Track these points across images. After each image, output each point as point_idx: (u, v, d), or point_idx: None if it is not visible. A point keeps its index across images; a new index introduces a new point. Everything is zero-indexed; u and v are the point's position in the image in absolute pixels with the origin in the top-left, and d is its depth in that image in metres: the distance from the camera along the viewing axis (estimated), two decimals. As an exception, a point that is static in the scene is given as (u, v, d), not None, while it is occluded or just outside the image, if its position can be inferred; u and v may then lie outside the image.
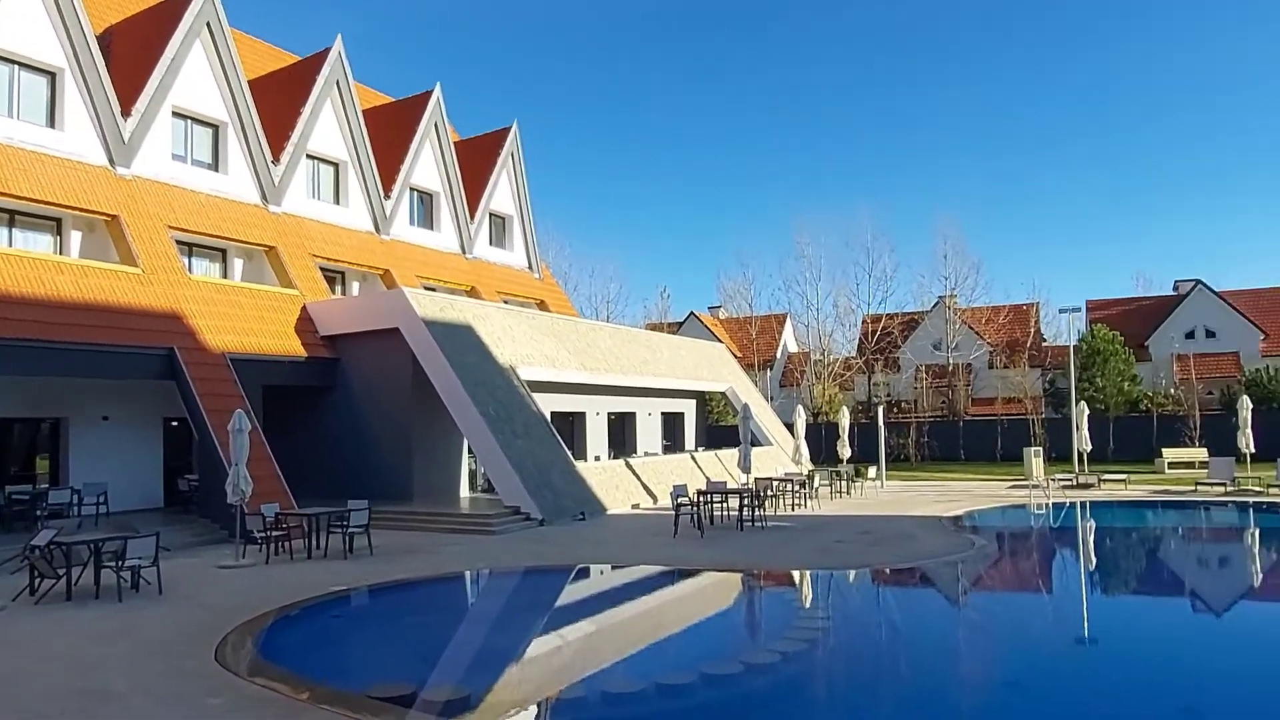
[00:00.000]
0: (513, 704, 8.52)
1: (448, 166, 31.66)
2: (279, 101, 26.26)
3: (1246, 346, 50.98)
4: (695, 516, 19.16)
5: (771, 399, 49.76)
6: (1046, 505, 24.46)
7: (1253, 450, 26.18)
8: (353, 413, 22.96)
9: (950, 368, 50.69)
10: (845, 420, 30.49)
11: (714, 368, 36.08)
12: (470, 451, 23.79)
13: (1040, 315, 55.21)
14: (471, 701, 8.29)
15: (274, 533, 15.90)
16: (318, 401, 23.32)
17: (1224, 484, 25.31)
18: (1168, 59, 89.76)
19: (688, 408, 35.08)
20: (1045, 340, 54.68)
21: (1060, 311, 33.71)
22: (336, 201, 27.60)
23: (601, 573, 15.93)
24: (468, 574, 15.41)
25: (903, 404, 51.28)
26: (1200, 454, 32.73)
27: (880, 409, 32.52)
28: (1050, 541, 20.42)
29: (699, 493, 20.18)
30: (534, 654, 10.79)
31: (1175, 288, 58.01)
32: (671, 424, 34.30)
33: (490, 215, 34.43)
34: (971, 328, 52.24)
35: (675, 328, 58.75)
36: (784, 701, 8.61)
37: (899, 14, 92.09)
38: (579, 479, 22.75)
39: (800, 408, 28.41)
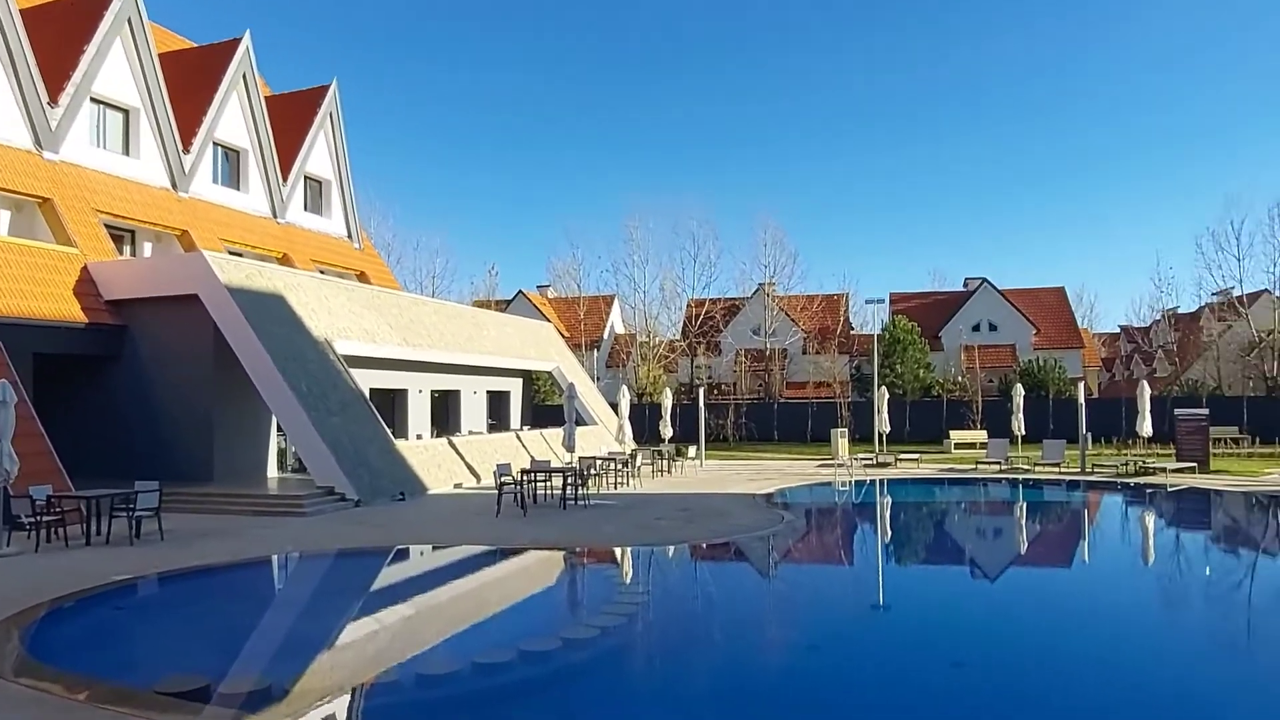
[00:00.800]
0: (323, 692, 8.10)
1: (258, 122, 29.40)
2: (58, 36, 23.33)
3: (1022, 340, 56.95)
4: (518, 495, 19.03)
5: (598, 379, 50.28)
6: (850, 483, 26.25)
7: (1023, 432, 29.35)
8: (143, 386, 20.94)
9: (768, 352, 53.24)
10: (668, 401, 31.28)
11: (541, 347, 35.93)
12: (280, 430, 22.38)
13: (849, 305, 59.06)
14: (276, 693, 7.79)
15: (45, 517, 14.25)
16: (102, 373, 21.10)
17: (999, 462, 28.19)
18: (969, 75, 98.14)
19: (514, 386, 34.75)
20: (853, 329, 58.54)
21: (867, 302, 36.30)
22: (126, 152, 24.95)
23: (421, 554, 15.48)
24: (274, 559, 14.50)
25: (723, 386, 53.34)
26: (981, 436, 36.25)
27: (701, 391, 33.62)
28: (852, 516, 21.93)
29: (522, 471, 20.04)
30: (347, 640, 10.32)
31: (965, 284, 63.80)
32: (497, 402, 33.87)
33: (306, 178, 32.38)
34: (788, 315, 55.07)
35: (503, 306, 58.01)
36: (603, 674, 8.73)
37: (742, 11, 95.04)
38: (399, 458, 21.98)
39: (625, 388, 28.86)
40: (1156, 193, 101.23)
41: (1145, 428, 27.05)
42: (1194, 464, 26.40)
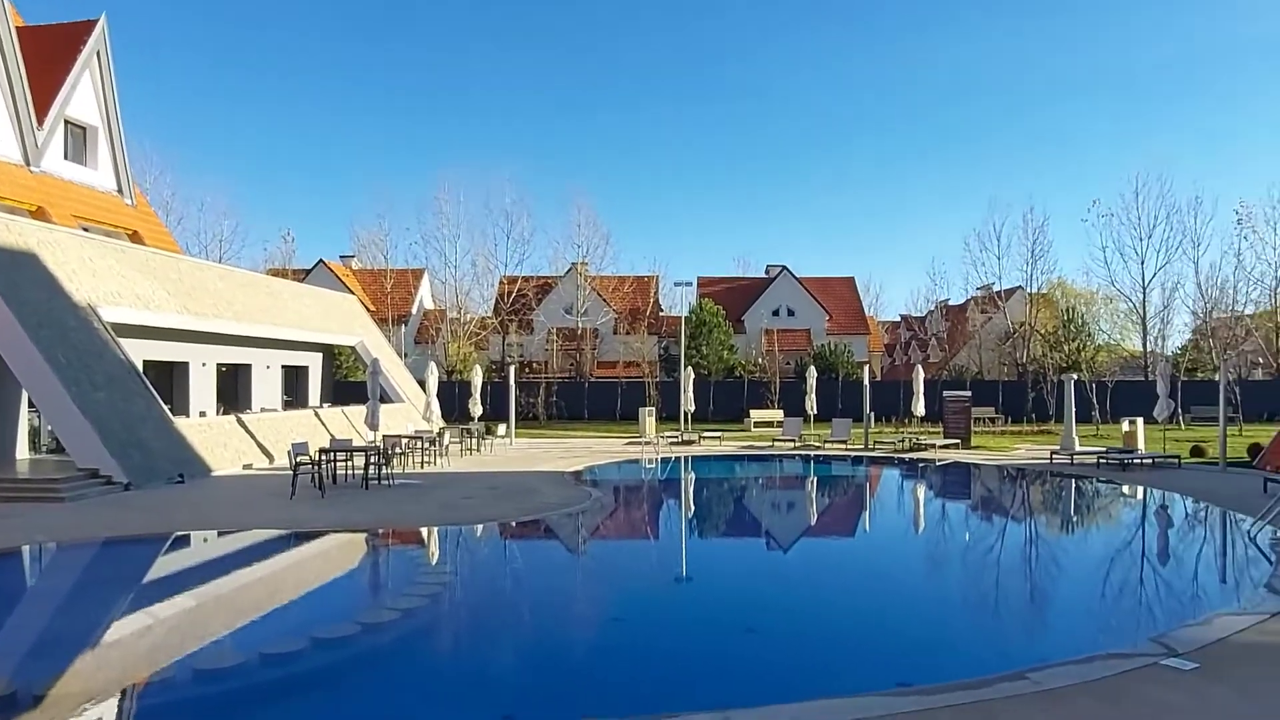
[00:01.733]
0: (86, 695, 7.26)
1: (4, 54, 25.66)
2: None
3: (816, 325, 60.81)
4: (316, 476, 17.98)
5: (405, 355, 48.50)
6: (656, 460, 26.98)
7: (815, 412, 31.43)
8: None
9: (580, 331, 53.56)
10: (478, 379, 30.73)
11: (344, 320, 34.11)
12: (32, 405, 19.82)
13: (659, 287, 60.54)
14: (24, 699, 6.90)
15: None
16: None
17: (794, 440, 30.03)
18: (774, 75, 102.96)
19: (313, 361, 32.78)
20: (662, 310, 60.10)
21: (675, 285, 37.24)
22: None
23: (205, 540, 14.27)
24: (25, 550, 12.85)
25: (535, 364, 53.15)
26: (778, 415, 38.45)
27: (513, 369, 33.25)
28: (658, 492, 22.55)
29: (321, 451, 18.97)
30: (115, 637, 9.32)
31: (767, 271, 67.20)
32: (294, 378, 31.82)
33: (67, 123, 28.69)
34: (600, 295, 55.62)
35: (302, 275, 54.52)
36: (403, 658, 8.43)
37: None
38: (178, 437, 20.14)
39: (433, 365, 28.00)
40: (934, 194, 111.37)
41: (919, 408, 29.75)
42: (958, 440, 29.39)
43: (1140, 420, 26.64)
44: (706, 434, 32.26)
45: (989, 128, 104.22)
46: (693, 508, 20.11)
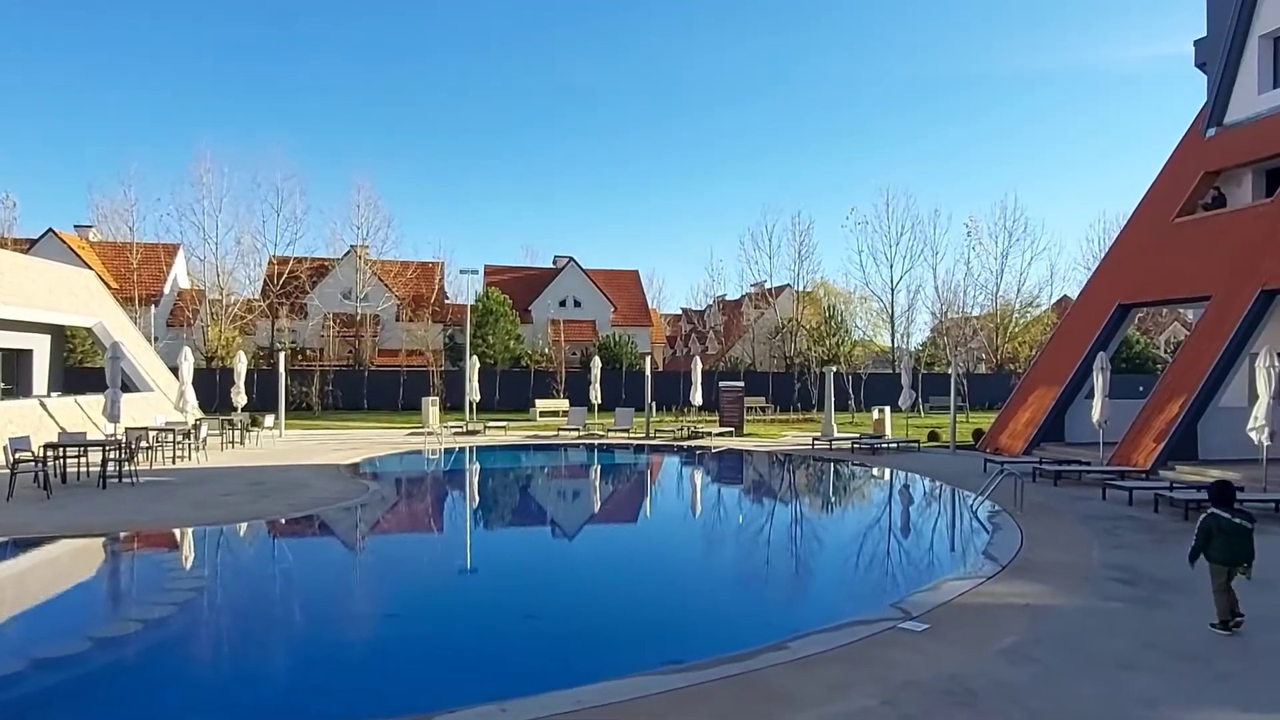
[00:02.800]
0: None
1: None
2: None
3: (602, 316, 61.92)
4: (40, 474, 15.83)
5: (156, 339, 43.78)
6: (439, 450, 26.28)
7: (600, 401, 32.00)
8: None
9: (359, 318, 50.97)
10: (242, 365, 28.44)
11: (78, 297, 30.19)
12: None
13: (444, 274, 58.97)
14: None
15: None
16: None
17: (578, 429, 30.39)
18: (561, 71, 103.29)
19: (39, 344, 28.77)
20: (448, 298, 58.59)
21: (461, 272, 36.51)
22: None
23: (-114, 553, 12.09)
24: None
25: (308, 351, 49.94)
26: (564, 404, 38.75)
27: (283, 355, 31.03)
28: (441, 483, 21.99)
29: (47, 446, 16.71)
30: None
31: (554, 262, 67.44)
32: (15, 363, 27.77)
33: None
34: (381, 280, 53.24)
35: (26, 245, 47.68)
36: (144, 673, 7.60)
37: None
38: None
39: (188, 350, 25.45)
40: (713, 194, 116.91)
41: (697, 398, 31.14)
42: (732, 428, 31.10)
43: (888, 409, 29.55)
44: (492, 424, 31.90)
45: (763, 132, 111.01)
46: (476, 498, 19.80)
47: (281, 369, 30.01)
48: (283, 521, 14.37)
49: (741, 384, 34.07)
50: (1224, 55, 23.40)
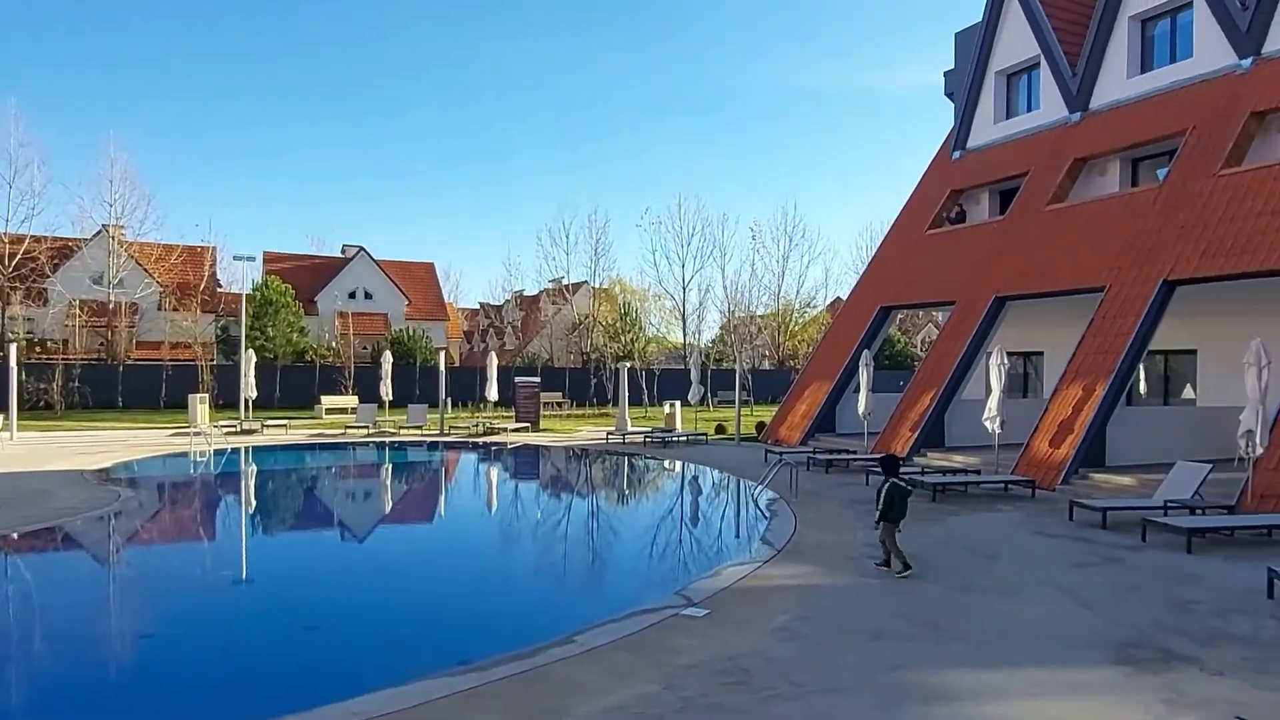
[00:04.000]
0: None
1: None
2: None
3: (395, 309, 59.66)
4: None
5: None
6: (209, 452, 24.20)
7: (391, 398, 30.83)
8: None
9: (112, 306, 45.76)
10: (-36, 359, 24.73)
11: None
12: None
13: (216, 260, 54.33)
14: None
15: None
16: None
17: (368, 426, 29.12)
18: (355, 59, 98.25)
19: None
20: (220, 286, 54.04)
21: (235, 259, 33.63)
22: None
23: None
24: None
25: (49, 343, 44.19)
26: (352, 401, 36.96)
27: (14, 347, 27.30)
28: (211, 487, 20.28)
29: None
30: None
31: (343, 251, 64.12)
32: None
33: None
34: (140, 264, 48.19)
35: None
36: None
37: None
38: None
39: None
40: (511, 188, 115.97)
41: (493, 393, 30.81)
42: (528, 424, 31.06)
43: (678, 403, 30.72)
44: (271, 422, 29.83)
45: (561, 129, 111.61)
46: (253, 502, 18.43)
47: (13, 362, 26.39)
48: (14, 536, 12.66)
49: (538, 379, 34.09)
50: (966, 87, 26.38)
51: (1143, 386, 23.19)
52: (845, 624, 8.13)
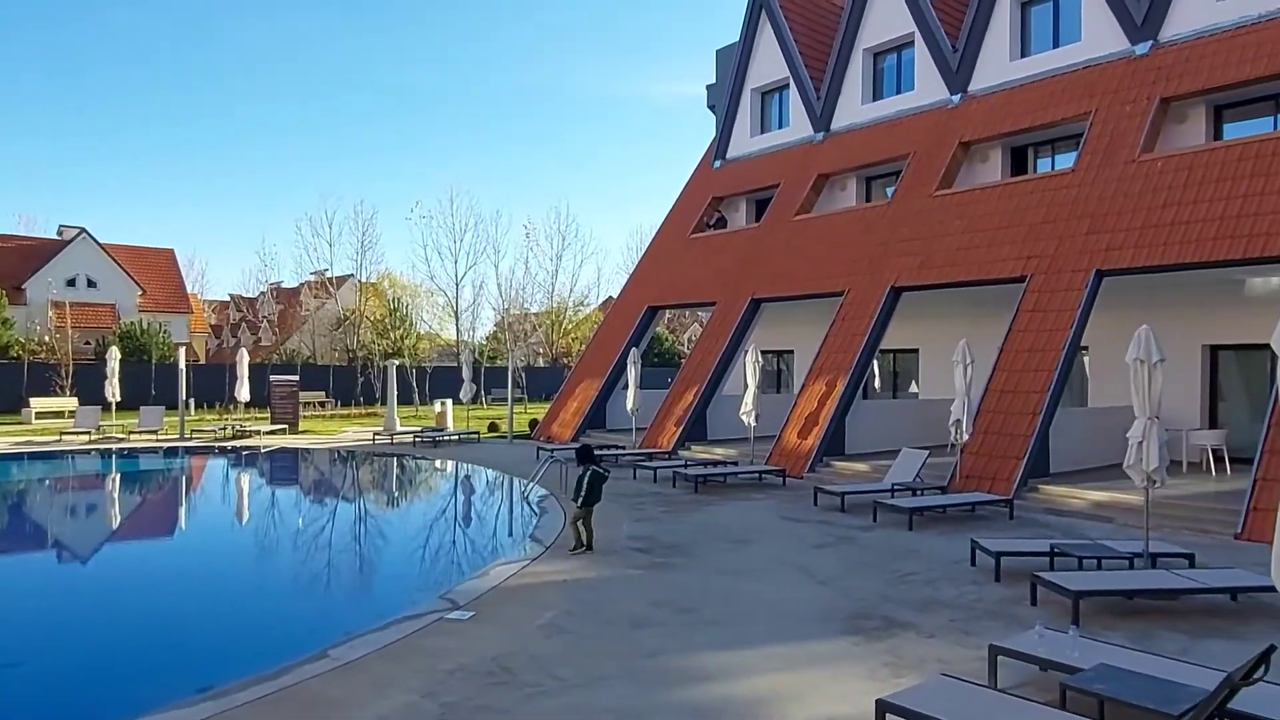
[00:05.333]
0: None
1: None
2: None
3: (125, 300, 53.28)
4: None
5: None
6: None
7: (119, 399, 27.47)
8: None
9: None
10: None
11: None
12: None
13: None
14: None
15: None
16: None
17: (89, 432, 25.82)
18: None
19: None
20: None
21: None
22: None
23: None
24: None
25: None
26: (70, 403, 32.57)
27: None
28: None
29: None
30: None
31: (60, 232, 56.41)
32: None
33: None
34: None
35: None
36: None
37: None
38: None
39: None
40: (266, 173, 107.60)
41: (244, 393, 28.45)
42: (285, 426, 29.01)
43: (450, 401, 30.04)
44: (-36, 430, 25.60)
45: (321, 114, 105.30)
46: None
47: None
48: None
49: (296, 378, 31.95)
50: (726, 102, 28.02)
51: (876, 382, 25.83)
52: (609, 615, 8.34)
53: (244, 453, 24.37)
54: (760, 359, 19.20)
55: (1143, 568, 9.55)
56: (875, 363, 23.41)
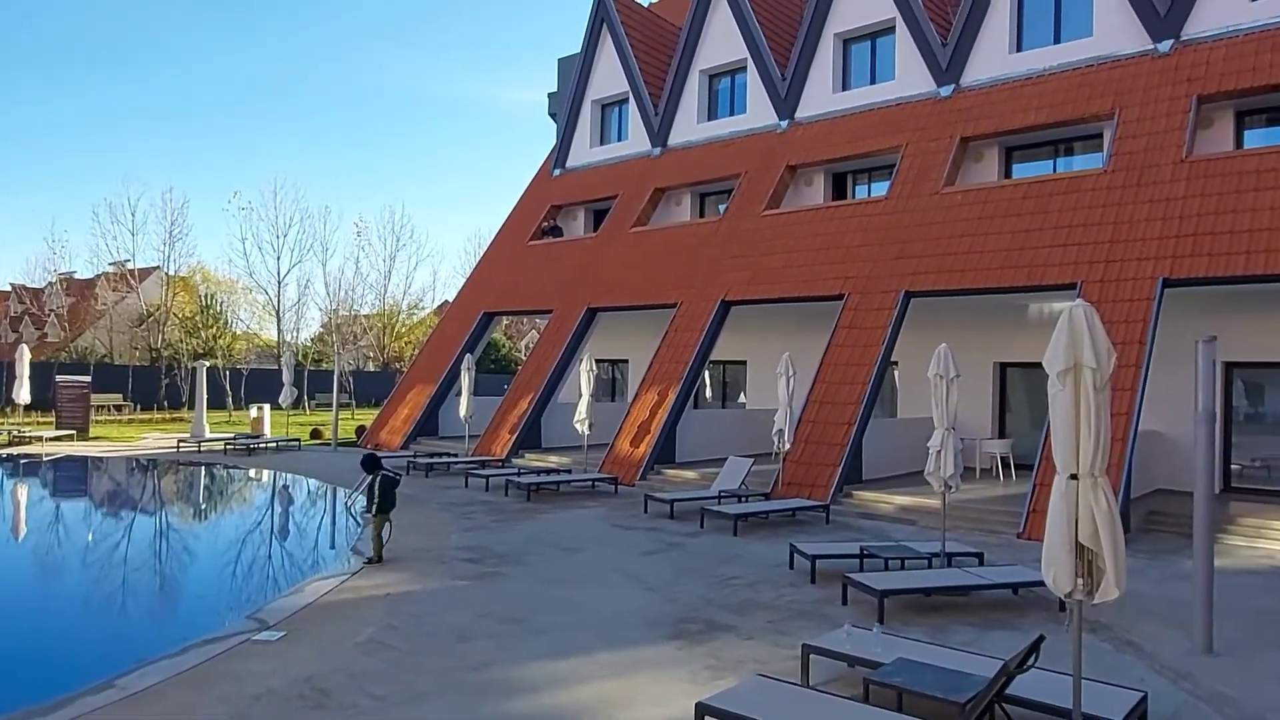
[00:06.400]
0: None
1: None
2: None
3: (-124, 287, 46.46)
4: None
5: None
6: None
7: None
8: None
9: None
10: None
11: None
12: None
13: None
14: None
15: None
16: None
17: None
18: None
19: None
20: None
21: None
22: None
23: None
24: None
25: None
26: None
27: None
28: None
29: None
30: None
31: None
32: None
33: None
34: None
35: None
36: None
37: None
38: None
39: None
40: (54, 156, 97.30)
41: (23, 395, 25.51)
42: (74, 431, 26.28)
43: (268, 406, 28.28)
44: None
45: (125, 89, 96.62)
46: None
47: None
48: None
49: (88, 378, 29.04)
50: (566, 111, 28.14)
51: (708, 392, 26.65)
52: (433, 629, 8.10)
53: (23, 461, 21.84)
54: (595, 368, 19.35)
55: (939, 566, 10.38)
56: (706, 373, 24.18)
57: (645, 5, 28.92)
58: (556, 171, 28.42)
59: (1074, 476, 5.08)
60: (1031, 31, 19.15)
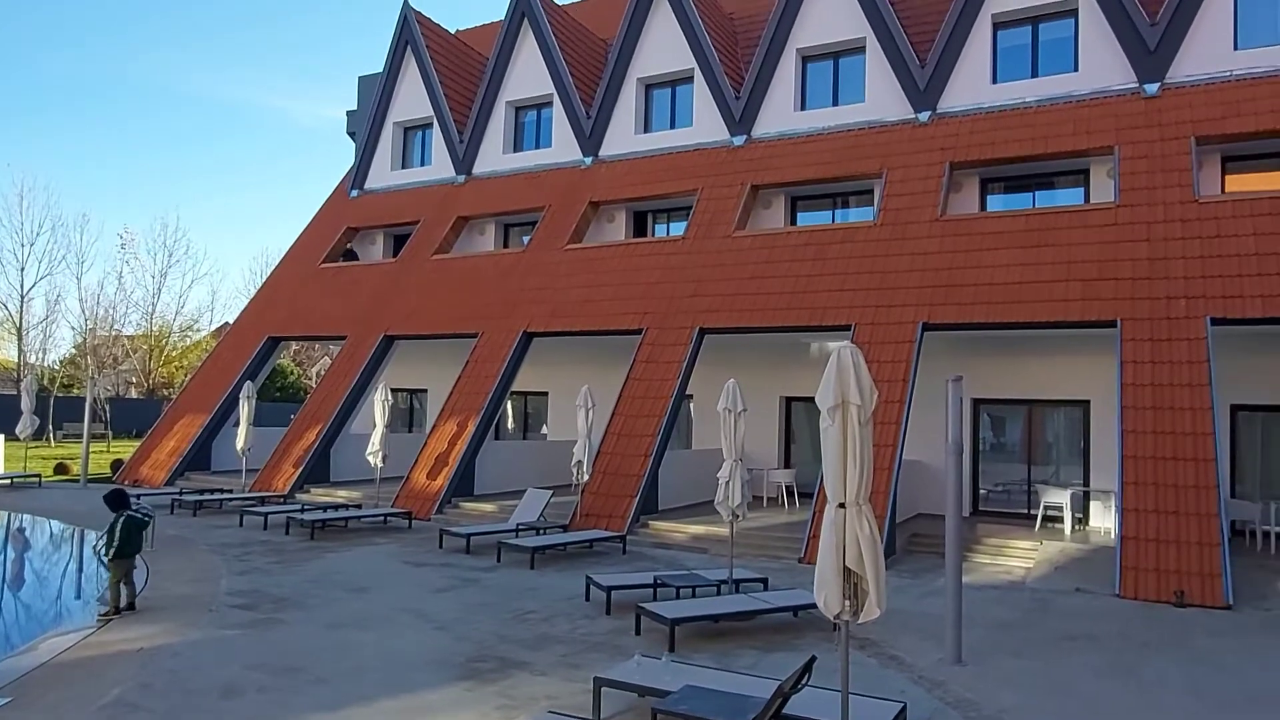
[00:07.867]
0: None
1: None
2: None
3: None
4: None
5: None
6: None
7: None
8: None
9: None
10: None
11: None
12: None
13: None
14: None
15: None
16: None
17: None
18: None
19: None
20: None
21: None
22: None
23: None
24: None
25: None
26: None
27: None
28: None
29: None
30: None
31: None
32: None
33: None
34: None
35: None
36: None
37: None
38: None
39: None
40: None
41: None
42: None
43: (1, 437, 24.83)
44: None
45: None
46: None
47: None
48: None
49: None
50: (366, 131, 27.20)
51: (510, 423, 26.35)
52: (194, 685, 7.36)
53: None
54: (391, 397, 18.61)
55: (727, 593, 10.80)
56: (509, 404, 23.92)
57: (452, 32, 28.61)
58: (354, 192, 27.30)
59: (842, 505, 5.48)
60: (813, 93, 20.86)
